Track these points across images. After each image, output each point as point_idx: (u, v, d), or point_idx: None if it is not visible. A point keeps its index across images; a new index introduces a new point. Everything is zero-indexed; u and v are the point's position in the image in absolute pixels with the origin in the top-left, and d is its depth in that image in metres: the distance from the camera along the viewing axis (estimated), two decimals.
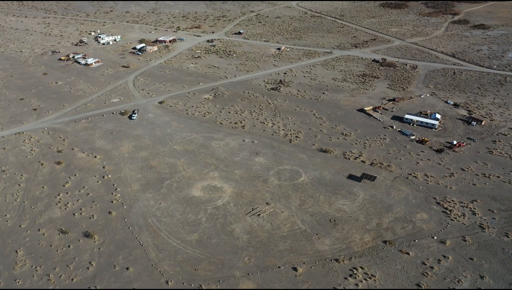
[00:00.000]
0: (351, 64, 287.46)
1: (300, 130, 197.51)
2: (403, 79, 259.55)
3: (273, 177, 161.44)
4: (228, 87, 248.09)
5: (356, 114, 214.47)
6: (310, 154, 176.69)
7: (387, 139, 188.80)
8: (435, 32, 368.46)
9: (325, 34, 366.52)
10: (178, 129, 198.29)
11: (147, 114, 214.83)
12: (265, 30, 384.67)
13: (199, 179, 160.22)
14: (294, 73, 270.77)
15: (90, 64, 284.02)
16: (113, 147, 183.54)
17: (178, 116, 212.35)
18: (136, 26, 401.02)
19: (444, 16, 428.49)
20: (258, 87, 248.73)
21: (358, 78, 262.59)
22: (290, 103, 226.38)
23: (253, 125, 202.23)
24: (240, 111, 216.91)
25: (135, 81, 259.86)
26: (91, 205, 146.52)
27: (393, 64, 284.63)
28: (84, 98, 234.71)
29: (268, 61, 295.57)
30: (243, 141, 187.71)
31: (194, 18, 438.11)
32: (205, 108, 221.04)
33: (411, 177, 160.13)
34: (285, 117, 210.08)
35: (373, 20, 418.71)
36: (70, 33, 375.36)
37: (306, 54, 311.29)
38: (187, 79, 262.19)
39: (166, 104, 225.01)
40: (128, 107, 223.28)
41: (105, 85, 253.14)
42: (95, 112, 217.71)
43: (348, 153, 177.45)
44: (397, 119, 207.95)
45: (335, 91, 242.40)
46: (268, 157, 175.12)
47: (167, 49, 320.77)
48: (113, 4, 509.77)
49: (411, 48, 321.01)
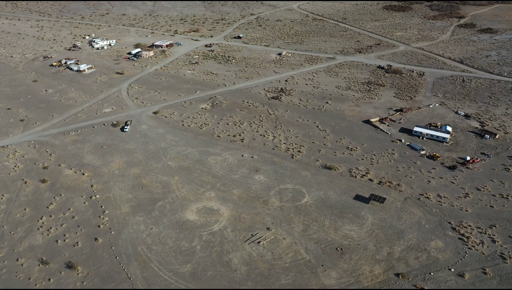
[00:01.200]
0: (355, 71, 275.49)
1: (303, 143, 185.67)
2: (410, 87, 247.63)
3: (274, 197, 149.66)
4: (226, 96, 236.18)
5: (362, 126, 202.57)
6: (314, 171, 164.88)
7: (395, 154, 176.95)
8: (441, 36, 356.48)
9: (327, 39, 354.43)
10: (173, 143, 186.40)
11: (141, 125, 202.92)
12: (265, 34, 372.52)
13: (194, 200, 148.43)
14: (296, 81, 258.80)
15: (83, 70, 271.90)
16: (103, 163, 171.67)
17: (173, 128, 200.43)
18: (132, 30, 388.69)
19: (449, 19, 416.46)
20: (258, 96, 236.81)
21: (363, 86, 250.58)
22: (292, 114, 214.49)
23: (252, 138, 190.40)
24: (239, 123, 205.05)
25: (129, 89, 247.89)
26: (76, 230, 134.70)
27: (399, 71, 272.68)
28: (75, 108, 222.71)
29: (268, 68, 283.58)
30: (242, 157, 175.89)
31: (192, 21, 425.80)
32: (202, 119, 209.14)
33: (423, 198, 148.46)
34: (286, 129, 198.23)
35: (377, 23, 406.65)
36: (64, 37, 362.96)
37: (308, 59, 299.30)
38: (183, 87, 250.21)
39: (161, 115, 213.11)
40: (121, 117, 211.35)
41: (97, 94, 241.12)
42: (85, 123, 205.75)
43: (354, 170, 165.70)
44: (406, 132, 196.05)
45: (339, 100, 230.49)
46: (269, 174, 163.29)
47: (163, 54, 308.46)
48: (110, 6, 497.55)
49: (417, 54, 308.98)
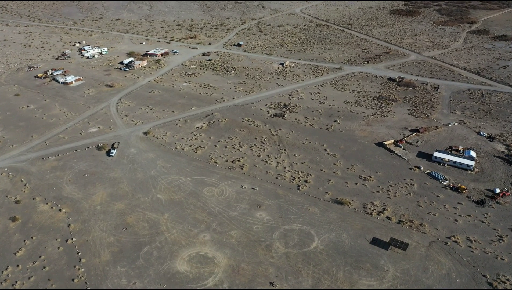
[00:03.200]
0: (364, 83, 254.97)
1: (310, 171, 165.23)
2: (425, 103, 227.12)
3: (279, 241, 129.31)
4: (225, 113, 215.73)
5: (375, 149, 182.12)
6: (323, 207, 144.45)
7: (415, 186, 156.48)
8: (454, 44, 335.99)
9: (333, 46, 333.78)
10: (164, 170, 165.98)
11: (129, 149, 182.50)
12: (266, 41, 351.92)
13: (186, 245, 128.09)
14: (301, 95, 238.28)
15: (70, 82, 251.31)
16: (84, 196, 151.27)
17: (165, 151, 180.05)
18: (125, 36, 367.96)
19: (460, 25, 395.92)
20: (260, 113, 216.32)
21: (374, 101, 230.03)
22: (297, 135, 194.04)
23: (253, 165, 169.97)
24: (239, 145, 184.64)
25: (118, 104, 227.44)
26: (46, 284, 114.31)
27: (412, 83, 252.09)
28: (57, 127, 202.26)
29: (270, 79, 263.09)
30: (242, 188, 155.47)
31: (190, 26, 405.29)
32: (197, 141, 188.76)
33: (451, 242, 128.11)
34: (291, 154, 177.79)
35: (384, 29, 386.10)
36: (53, 44, 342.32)
37: (313, 70, 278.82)
38: (178, 102, 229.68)
39: (152, 135, 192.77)
40: (108, 139, 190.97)
41: (83, 110, 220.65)
42: (68, 146, 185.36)
43: (369, 205, 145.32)
44: (424, 157, 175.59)
45: (348, 118, 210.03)
46: (272, 211, 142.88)
47: (158, 64, 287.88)
48: (104, 10, 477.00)
49: (429, 64, 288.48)
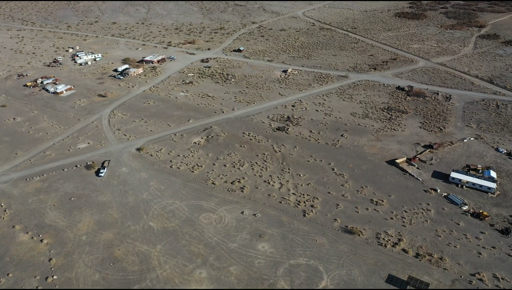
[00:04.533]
0: (372, 93, 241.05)
1: (316, 194, 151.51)
2: (437, 115, 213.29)
3: (283, 279, 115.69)
4: (224, 126, 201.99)
5: (386, 168, 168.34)
6: (332, 237, 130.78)
7: (431, 211, 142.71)
8: (463, 49, 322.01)
9: (337, 52, 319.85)
10: (157, 193, 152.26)
11: (120, 167, 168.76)
12: (268, 46, 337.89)
13: (179, 283, 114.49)
14: (305, 106, 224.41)
15: (60, 92, 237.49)
16: (69, 223, 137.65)
17: (159, 171, 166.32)
18: (121, 41, 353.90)
19: (469, 29, 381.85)
20: (261, 126, 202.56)
21: (382, 113, 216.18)
22: (302, 151, 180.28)
23: (255, 187, 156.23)
24: (239, 164, 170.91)
25: (111, 116, 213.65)
26: None
27: (422, 93, 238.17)
28: (44, 143, 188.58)
29: (272, 88, 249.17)
30: (242, 214, 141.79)
31: (188, 30, 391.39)
32: (194, 159, 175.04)
33: (476, 281, 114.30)
34: (295, 174, 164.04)
35: (390, 33, 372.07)
36: (45, 49, 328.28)
37: (317, 78, 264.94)
38: (174, 114, 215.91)
39: (145, 152, 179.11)
40: (98, 156, 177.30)
41: (73, 123, 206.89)
42: (54, 164, 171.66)
43: (382, 235, 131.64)
44: (440, 177, 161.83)
45: (356, 132, 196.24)
46: (276, 242, 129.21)
47: (154, 71, 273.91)
48: (100, 13, 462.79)
49: (439, 71, 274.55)
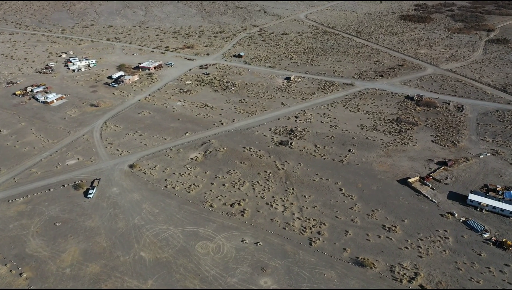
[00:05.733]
0: (379, 102, 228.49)
1: (323, 219, 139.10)
2: (450, 127, 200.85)
3: None
4: (223, 140, 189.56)
5: (398, 188, 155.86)
6: (342, 271, 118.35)
7: (450, 240, 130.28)
8: (473, 54, 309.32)
9: (342, 58, 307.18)
10: (150, 218, 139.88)
11: (111, 187, 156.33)
12: (269, 51, 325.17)
13: None
14: (309, 117, 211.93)
15: (51, 102, 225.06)
16: (52, 253, 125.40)
17: (153, 191, 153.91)
18: (117, 46, 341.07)
19: (477, 32, 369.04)
20: (263, 140, 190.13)
21: (391, 125, 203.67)
22: (306, 169, 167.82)
23: (256, 210, 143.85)
24: (239, 183, 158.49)
25: (103, 128, 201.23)
26: None
27: (433, 103, 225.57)
28: (31, 158, 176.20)
29: (274, 98, 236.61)
30: (243, 243, 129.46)
31: (187, 34, 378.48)
32: (191, 177, 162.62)
33: None
34: (300, 195, 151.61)
35: (396, 37, 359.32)
36: (37, 55, 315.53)
37: (321, 86, 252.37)
38: (171, 126, 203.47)
39: (138, 169, 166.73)
40: (87, 174, 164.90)
41: (63, 136, 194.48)
42: (40, 183, 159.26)
43: (397, 268, 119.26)
44: (457, 199, 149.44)
45: (364, 147, 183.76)
46: (279, 276, 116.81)
47: (150, 79, 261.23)
48: (96, 16, 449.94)
49: (449, 79, 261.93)
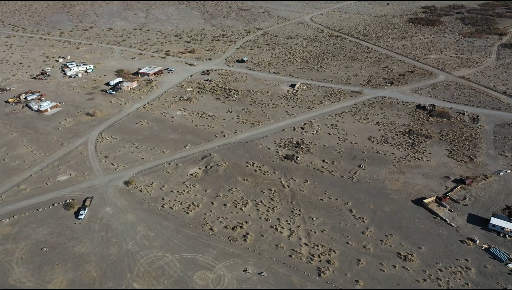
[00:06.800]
0: (390, 113, 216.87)
1: (333, 245, 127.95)
2: (465, 140, 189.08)
3: None
4: (225, 154, 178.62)
5: (413, 210, 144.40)
6: None
7: (472, 271, 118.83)
8: (485, 60, 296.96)
9: (349, 63, 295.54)
10: (145, 242, 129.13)
11: (104, 207, 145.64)
12: (274, 56, 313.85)
13: None
14: (315, 128, 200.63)
15: (45, 110, 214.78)
16: (37, 284, 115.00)
17: (149, 212, 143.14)
18: (116, 50, 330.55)
19: (489, 36, 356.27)
20: (267, 154, 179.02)
21: (403, 137, 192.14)
22: (314, 187, 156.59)
23: (260, 234, 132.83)
24: (241, 203, 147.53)
25: (98, 140, 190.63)
26: None
27: (446, 113, 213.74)
28: (20, 173, 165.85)
29: (279, 106, 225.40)
30: (245, 273, 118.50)
31: (188, 38, 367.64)
32: (190, 196, 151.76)
33: None
34: (307, 217, 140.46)
35: (405, 41, 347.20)
36: (34, 59, 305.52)
37: (328, 94, 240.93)
38: (170, 138, 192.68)
39: (134, 187, 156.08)
40: (79, 191, 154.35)
41: (55, 148, 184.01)
42: (28, 201, 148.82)
43: None
44: (477, 222, 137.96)
45: (375, 162, 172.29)
46: None
47: (149, 85, 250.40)
48: (96, 18, 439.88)
49: (462, 86, 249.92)
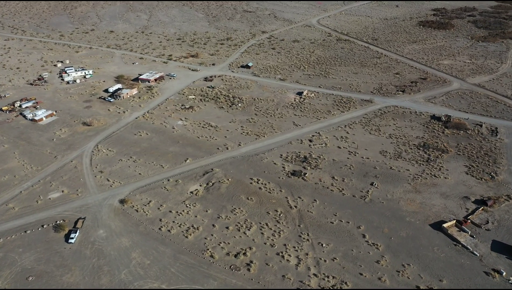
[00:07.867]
0: (403, 124, 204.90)
1: (345, 276, 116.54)
2: (485, 155, 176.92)
3: None
4: (228, 169, 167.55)
5: (431, 235, 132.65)
6: None
7: None
8: (501, 66, 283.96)
9: (358, 69, 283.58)
10: (139, 272, 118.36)
11: (97, 229, 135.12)
12: (280, 61, 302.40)
13: None
14: (324, 140, 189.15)
15: (39, 119, 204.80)
16: None
17: (145, 235, 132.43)
18: (117, 54, 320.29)
19: (503, 41, 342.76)
20: (273, 169, 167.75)
21: (418, 152, 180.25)
22: (323, 207, 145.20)
23: (265, 263, 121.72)
24: (245, 226, 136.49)
25: (94, 153, 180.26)
26: None
27: (463, 124, 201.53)
28: (10, 190, 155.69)
29: (286, 116, 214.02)
30: None
31: (192, 41, 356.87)
32: (190, 217, 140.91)
33: None
34: (317, 242, 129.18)
35: (416, 46, 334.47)
36: (31, 64, 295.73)
37: (337, 102, 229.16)
38: (170, 151, 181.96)
39: (130, 205, 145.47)
40: (71, 211, 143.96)
41: (48, 162, 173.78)
42: (16, 222, 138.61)
43: None
44: (502, 250, 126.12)
45: (389, 179, 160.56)
46: None
47: (150, 92, 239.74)
48: (97, 20, 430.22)
49: (478, 95, 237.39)
